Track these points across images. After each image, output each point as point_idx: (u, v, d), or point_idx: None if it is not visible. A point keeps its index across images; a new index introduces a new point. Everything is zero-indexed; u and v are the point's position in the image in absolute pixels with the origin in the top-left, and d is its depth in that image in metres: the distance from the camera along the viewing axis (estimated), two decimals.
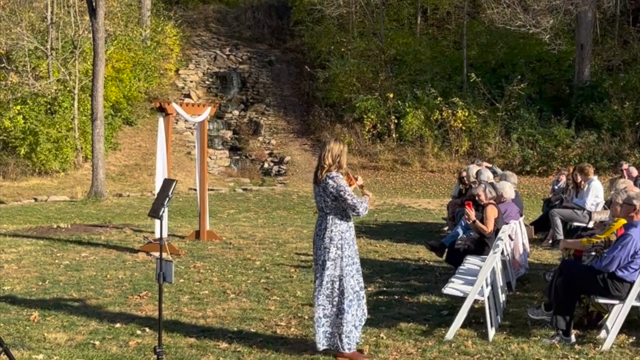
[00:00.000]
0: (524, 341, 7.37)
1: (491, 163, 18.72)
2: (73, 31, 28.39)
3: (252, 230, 15.41)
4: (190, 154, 28.23)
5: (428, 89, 28.58)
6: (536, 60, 30.48)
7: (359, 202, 6.64)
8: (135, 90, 30.16)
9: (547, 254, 12.53)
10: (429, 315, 8.37)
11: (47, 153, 25.49)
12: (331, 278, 6.67)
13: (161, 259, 5.62)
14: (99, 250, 12.58)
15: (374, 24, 33.75)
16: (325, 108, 31.21)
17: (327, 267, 6.66)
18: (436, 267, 11.40)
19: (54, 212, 19.72)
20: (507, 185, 10.83)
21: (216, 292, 9.55)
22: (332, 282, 6.68)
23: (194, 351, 7.06)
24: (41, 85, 27.25)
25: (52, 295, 9.25)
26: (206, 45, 37.06)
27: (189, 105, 14.60)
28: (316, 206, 6.95)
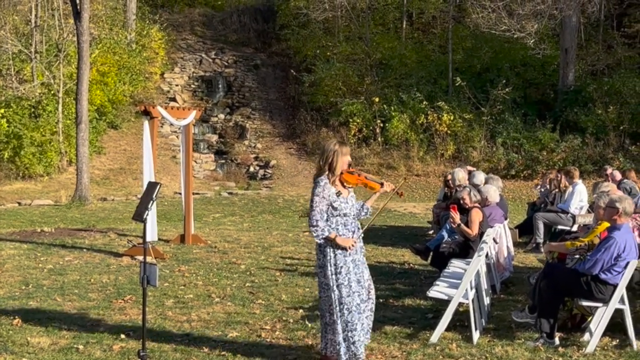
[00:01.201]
0: (508, 344, 7.39)
1: (476, 167, 18.78)
2: (57, 34, 28.29)
3: (238, 234, 15.38)
4: (175, 157, 28.16)
5: (413, 93, 28.64)
6: (521, 65, 30.61)
7: (313, 218, 6.27)
8: (120, 94, 30.06)
9: (531, 257, 12.57)
10: (414, 319, 8.38)
11: (31, 157, 25.37)
12: (322, 286, 6.47)
13: (145, 262, 5.60)
14: (83, 254, 12.52)
15: (359, 28, 33.80)
16: (311, 112, 31.21)
17: (318, 275, 6.53)
18: (421, 270, 11.42)
19: (37, 216, 19.62)
20: (491, 188, 10.86)
21: (201, 296, 9.52)
22: (323, 290, 6.46)
23: (178, 355, 7.03)
24: (25, 89, 27.12)
25: (35, 300, 9.20)
26: (192, 48, 37.00)
27: (174, 108, 14.57)
28: None
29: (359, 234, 6.51)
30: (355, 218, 6.51)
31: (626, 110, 26.98)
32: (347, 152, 6.39)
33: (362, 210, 6.61)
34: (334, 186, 6.35)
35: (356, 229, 6.48)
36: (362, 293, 6.44)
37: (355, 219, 6.52)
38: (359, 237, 6.50)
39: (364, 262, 6.56)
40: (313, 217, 6.27)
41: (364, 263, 6.57)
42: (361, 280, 6.45)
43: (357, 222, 6.53)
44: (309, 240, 14.30)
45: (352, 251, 6.36)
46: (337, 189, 6.36)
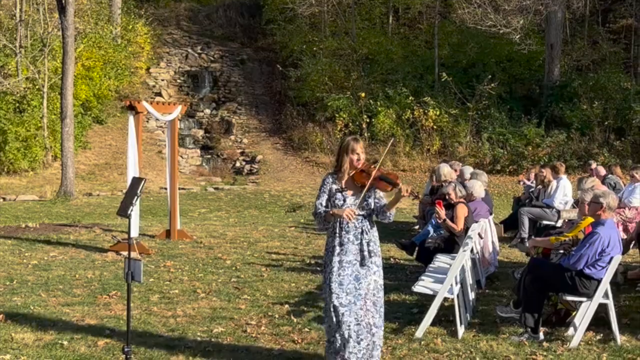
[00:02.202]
0: (493, 339, 7.42)
1: (462, 162, 18.82)
2: (42, 29, 28.11)
3: (223, 230, 15.36)
4: (161, 152, 28.08)
5: (400, 88, 28.66)
6: (506, 60, 30.69)
7: (314, 208, 6.25)
8: (106, 89, 29.92)
9: (516, 252, 12.62)
10: (399, 314, 8.40)
11: (16, 152, 25.23)
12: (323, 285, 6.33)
13: (130, 258, 5.58)
14: (68, 250, 12.47)
15: (345, 23, 33.80)
16: (297, 107, 31.20)
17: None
18: (407, 265, 11.44)
19: (22, 211, 19.52)
20: (477, 183, 10.89)
21: (186, 292, 9.51)
22: (323, 289, 6.31)
23: (163, 351, 7.02)
24: (10, 84, 26.94)
25: (19, 295, 9.15)
26: (177, 43, 36.88)
27: (160, 103, 14.52)
28: None
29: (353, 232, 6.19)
30: (360, 219, 6.18)
31: (611, 105, 27.11)
32: (355, 149, 6.19)
33: (380, 214, 6.24)
34: (341, 183, 6.21)
35: (358, 232, 6.18)
36: (341, 297, 6.04)
37: (363, 220, 6.19)
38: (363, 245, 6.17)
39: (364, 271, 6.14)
40: (314, 207, 6.29)
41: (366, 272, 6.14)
42: (344, 284, 6.06)
43: (364, 225, 6.18)
44: (295, 235, 14.32)
45: (339, 251, 6.11)
46: (344, 186, 6.20)
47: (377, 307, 6.17)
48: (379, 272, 6.22)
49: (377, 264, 6.23)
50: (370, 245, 6.20)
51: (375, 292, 6.16)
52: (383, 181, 6.10)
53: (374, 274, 6.17)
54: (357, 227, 6.19)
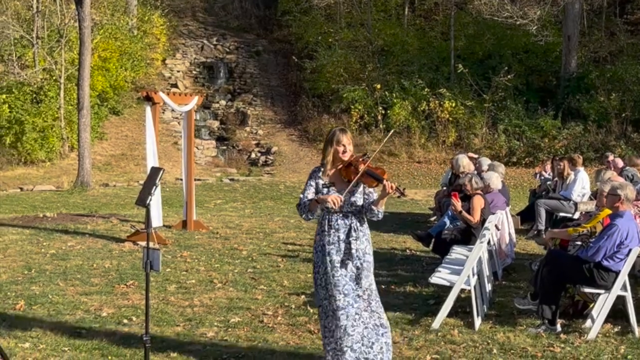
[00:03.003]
0: (510, 330, 7.41)
1: (478, 154, 18.77)
2: (59, 20, 28.22)
3: (239, 220, 15.39)
4: (177, 143, 28.14)
5: (415, 80, 28.57)
6: (523, 52, 30.52)
7: (298, 202, 6.00)
8: (122, 80, 30.01)
9: (533, 244, 12.58)
10: (416, 305, 8.40)
11: (33, 142, 25.37)
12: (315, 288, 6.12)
13: (148, 247, 5.60)
14: (86, 240, 12.54)
15: (361, 15, 33.70)
16: (312, 99, 31.16)
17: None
18: (423, 257, 11.43)
19: (40, 201, 19.64)
20: (494, 175, 10.86)
21: (203, 282, 9.55)
22: (315, 293, 6.12)
23: (180, 340, 7.06)
24: (27, 74, 27.09)
25: (38, 284, 9.22)
26: (193, 34, 36.90)
27: (176, 94, 14.56)
28: None
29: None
30: (350, 216, 5.88)
31: (628, 97, 26.93)
32: (341, 140, 5.83)
33: (368, 212, 5.89)
34: (327, 177, 5.92)
35: (347, 229, 5.87)
36: (338, 299, 5.80)
37: (352, 217, 5.88)
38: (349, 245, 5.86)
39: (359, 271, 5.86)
40: (299, 199, 6.01)
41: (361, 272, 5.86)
42: (339, 285, 5.80)
43: (353, 221, 5.88)
44: (311, 226, 14.30)
45: (329, 249, 5.85)
46: (330, 181, 5.91)
47: (376, 306, 5.96)
48: (370, 271, 5.97)
49: (370, 262, 5.94)
50: (359, 243, 5.87)
51: (373, 291, 5.96)
52: (370, 176, 5.74)
53: (371, 272, 5.95)
54: (346, 225, 5.88)
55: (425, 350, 6.80)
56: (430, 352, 6.74)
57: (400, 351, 6.77)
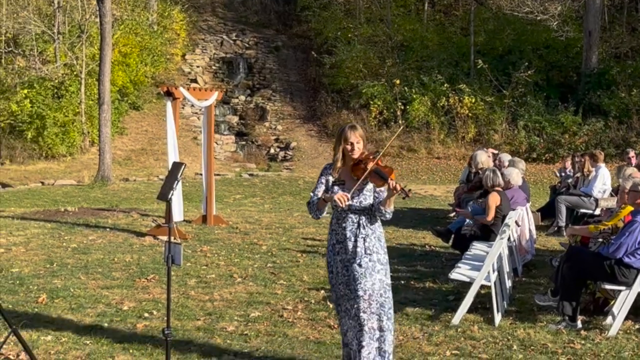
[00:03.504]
0: (530, 327, 7.40)
1: (498, 150, 18.71)
2: (80, 15, 28.37)
3: (259, 215, 15.43)
4: (196, 139, 28.23)
5: (435, 76, 28.50)
6: (544, 47, 30.35)
7: (309, 200, 5.86)
8: (142, 75, 30.14)
9: (553, 241, 12.53)
10: (435, 301, 8.40)
11: (54, 137, 25.55)
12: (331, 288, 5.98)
13: (170, 241, 5.64)
14: (107, 234, 12.63)
15: (381, 10, 33.63)
16: (331, 94, 31.16)
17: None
18: (442, 252, 11.43)
19: (61, 195, 19.78)
20: (514, 171, 10.82)
21: (223, 276, 9.59)
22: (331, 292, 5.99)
23: (201, 334, 7.10)
24: (48, 70, 27.27)
25: (60, 278, 9.30)
26: (213, 30, 36.97)
27: (196, 89, 14.61)
28: None
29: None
30: (358, 214, 5.72)
31: None
32: (349, 138, 5.66)
33: (377, 211, 5.70)
34: (337, 174, 5.77)
35: (354, 227, 5.71)
36: (351, 298, 5.66)
37: (361, 214, 5.71)
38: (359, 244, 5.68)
39: (363, 270, 5.63)
40: (310, 197, 5.87)
41: (365, 271, 5.63)
42: (351, 285, 5.65)
43: (361, 219, 5.70)
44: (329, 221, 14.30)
45: (339, 248, 5.73)
46: (341, 178, 5.77)
47: (385, 309, 5.66)
48: (384, 270, 5.70)
49: (381, 262, 5.69)
50: (367, 242, 5.68)
51: (383, 293, 5.65)
52: (377, 175, 5.56)
53: (378, 273, 5.65)
54: (353, 222, 5.72)
55: (445, 346, 6.81)
56: (450, 348, 6.75)
57: (420, 347, 6.78)
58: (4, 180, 23.06)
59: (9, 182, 22.85)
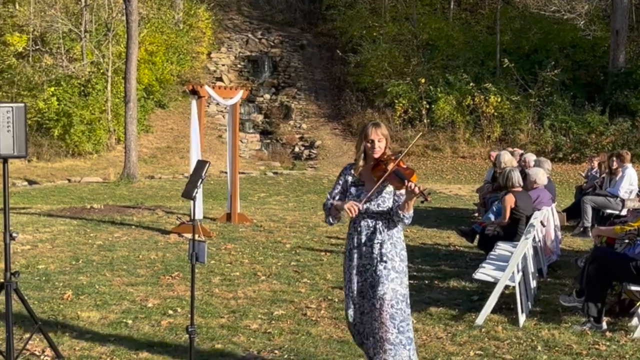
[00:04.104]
0: (555, 327, 7.35)
1: (523, 150, 18.60)
2: (107, 14, 28.58)
3: (283, 214, 15.46)
4: (221, 137, 28.34)
5: (460, 75, 28.41)
6: (570, 46, 30.15)
7: (326, 201, 5.59)
8: (168, 73, 30.32)
9: (578, 241, 12.45)
10: (459, 300, 8.37)
11: (81, 135, 25.76)
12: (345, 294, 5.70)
13: (194, 239, 5.66)
14: (132, 231, 12.70)
15: (406, 9, 33.56)
16: (356, 93, 31.15)
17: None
18: (467, 252, 11.38)
19: (87, 192, 19.94)
20: (539, 171, 10.74)
21: (247, 274, 9.62)
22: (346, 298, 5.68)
23: (225, 331, 7.12)
24: (75, 68, 27.49)
25: (85, 275, 9.37)
26: (238, 28, 37.09)
27: (221, 88, 14.65)
28: None
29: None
30: (375, 218, 5.43)
31: None
32: (369, 135, 5.39)
33: (395, 215, 5.38)
34: (357, 175, 5.50)
35: (370, 232, 5.43)
36: (364, 306, 5.46)
37: (378, 219, 5.43)
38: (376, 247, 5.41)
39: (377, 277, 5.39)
40: (326, 199, 5.61)
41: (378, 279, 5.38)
42: (364, 292, 5.45)
43: (378, 223, 5.42)
44: None
45: (354, 253, 5.48)
46: (362, 179, 5.48)
47: (396, 322, 5.33)
48: (398, 279, 5.38)
49: (396, 270, 5.38)
50: (384, 247, 5.38)
51: (394, 303, 5.34)
52: (397, 177, 5.25)
53: (392, 282, 5.35)
54: (369, 227, 5.43)
55: (468, 346, 6.78)
56: (474, 348, 6.72)
57: (444, 346, 6.76)
58: (31, 177, 23.30)
59: (36, 179, 23.08)
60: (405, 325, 5.37)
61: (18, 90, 26.71)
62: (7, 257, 5.76)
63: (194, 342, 5.62)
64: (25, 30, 28.24)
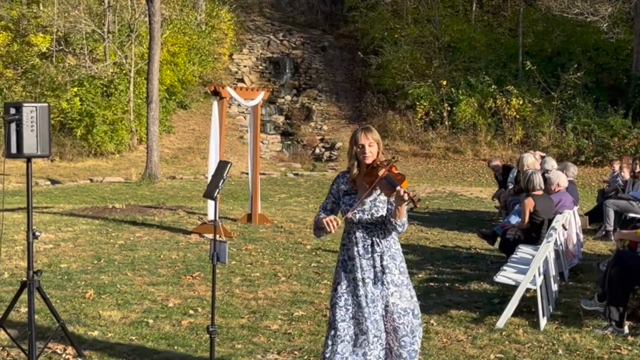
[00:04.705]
0: (576, 331, 7.31)
1: (545, 153, 18.51)
2: (130, 15, 28.75)
3: (303, 215, 15.46)
4: (242, 138, 28.43)
5: (482, 77, 28.32)
6: (593, 49, 29.96)
7: (317, 215, 5.27)
8: (190, 74, 30.45)
9: (600, 245, 12.36)
10: (480, 303, 8.34)
11: (103, 135, 25.93)
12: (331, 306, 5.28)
13: (215, 239, 5.69)
14: (153, 231, 12.76)
15: (428, 10, 33.50)
16: (377, 94, 31.13)
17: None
18: (487, 255, 11.34)
19: (109, 192, 20.06)
20: (561, 174, 10.68)
21: (267, 275, 9.64)
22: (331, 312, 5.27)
23: (245, 332, 7.14)
24: (98, 68, 27.67)
25: (107, 274, 9.43)
26: (260, 30, 37.19)
27: (243, 89, 14.70)
28: None
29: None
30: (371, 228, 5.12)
31: None
32: (359, 140, 5.07)
33: (388, 223, 5.07)
34: (350, 183, 5.19)
35: (368, 244, 5.12)
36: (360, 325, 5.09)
37: (374, 229, 5.12)
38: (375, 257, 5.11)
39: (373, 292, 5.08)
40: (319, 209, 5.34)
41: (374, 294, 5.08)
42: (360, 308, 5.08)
43: (374, 234, 5.12)
44: None
45: (351, 266, 5.14)
46: (353, 187, 5.18)
47: (399, 335, 5.08)
48: (397, 293, 5.09)
49: (395, 283, 5.09)
50: (384, 260, 5.10)
51: (397, 318, 5.07)
52: (387, 183, 4.93)
53: (392, 296, 5.07)
54: (365, 238, 5.13)
55: (489, 349, 6.76)
56: (494, 351, 6.70)
57: (464, 349, 6.74)
58: (54, 177, 23.48)
59: (59, 179, 23.26)
60: (407, 341, 5.08)
61: (41, 90, 26.94)
62: (30, 255, 5.81)
63: (214, 342, 5.64)
64: (49, 31, 28.48)
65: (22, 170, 21.88)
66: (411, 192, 4.92)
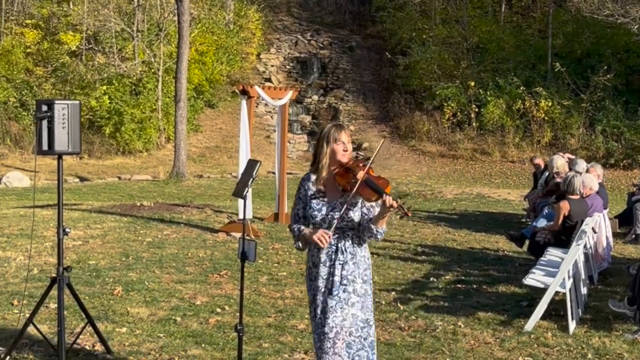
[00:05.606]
0: (606, 335, 7.23)
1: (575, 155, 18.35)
2: (159, 14, 28.91)
3: None
4: (269, 137, 28.48)
5: (510, 78, 28.15)
6: (624, 51, 29.65)
7: (290, 222, 5.02)
8: (218, 74, 30.56)
9: (630, 248, 12.24)
10: (508, 306, 8.28)
11: (131, 133, 26.10)
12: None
13: (244, 237, 5.69)
14: (181, 229, 12.81)
15: (456, 11, 33.36)
16: (404, 95, 31.04)
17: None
18: (516, 257, 11.26)
19: (137, 190, 20.18)
20: (594, 178, 10.54)
21: (294, 274, 9.64)
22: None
23: (272, 331, 7.15)
24: (127, 67, 27.85)
25: (135, 271, 9.48)
26: (288, 30, 37.23)
27: (271, 88, 14.71)
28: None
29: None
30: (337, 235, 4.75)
31: None
32: (339, 138, 4.71)
33: (366, 230, 4.71)
34: (318, 184, 4.83)
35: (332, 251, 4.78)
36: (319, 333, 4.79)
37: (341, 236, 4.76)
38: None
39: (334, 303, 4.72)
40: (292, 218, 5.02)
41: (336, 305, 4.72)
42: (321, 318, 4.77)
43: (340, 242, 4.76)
44: (401, 223, 14.27)
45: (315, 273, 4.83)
46: (321, 189, 4.82)
47: (352, 351, 4.72)
48: (359, 304, 4.74)
49: (358, 293, 4.73)
50: (345, 269, 4.73)
51: (353, 331, 4.72)
52: (369, 188, 4.59)
53: (352, 306, 4.71)
54: (331, 245, 4.75)
55: (517, 352, 6.71)
56: (522, 354, 6.65)
57: (492, 352, 6.70)
58: (83, 174, 23.67)
59: (87, 176, 23.44)
60: (364, 354, 4.75)
61: (71, 88, 27.16)
62: (60, 252, 5.86)
63: (242, 341, 5.65)
64: (79, 29, 28.71)
65: (51, 167, 22.09)
66: (396, 198, 4.60)
